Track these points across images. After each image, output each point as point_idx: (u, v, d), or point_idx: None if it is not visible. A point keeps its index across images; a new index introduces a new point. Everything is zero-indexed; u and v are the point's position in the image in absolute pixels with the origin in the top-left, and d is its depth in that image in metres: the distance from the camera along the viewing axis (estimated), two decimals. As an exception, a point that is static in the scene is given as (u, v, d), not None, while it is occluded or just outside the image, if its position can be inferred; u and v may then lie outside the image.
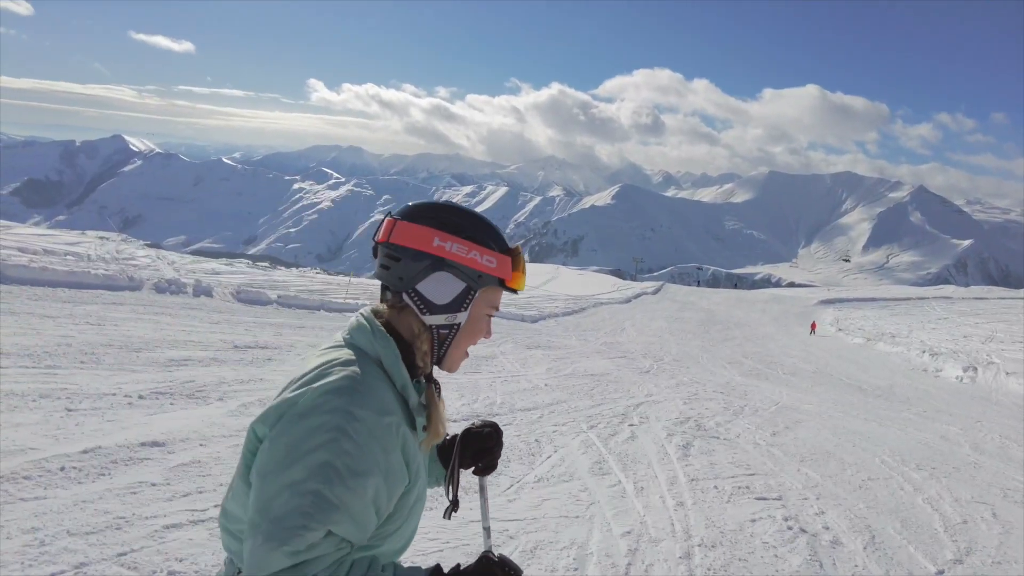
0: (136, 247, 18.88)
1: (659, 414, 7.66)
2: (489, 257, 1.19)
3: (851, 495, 5.25)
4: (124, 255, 15.45)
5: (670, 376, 11.56)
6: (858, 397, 12.56)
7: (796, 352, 22.37)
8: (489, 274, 1.19)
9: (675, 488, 4.87)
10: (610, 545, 3.72)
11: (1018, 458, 7.61)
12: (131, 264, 13.71)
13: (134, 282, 10.96)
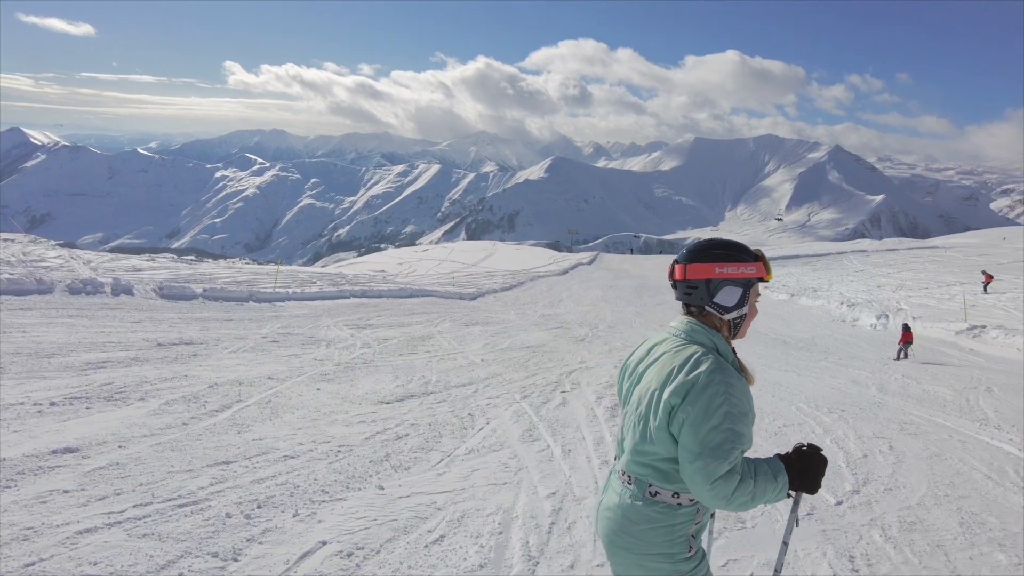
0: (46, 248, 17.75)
1: (591, 380, 7.88)
2: (749, 267, 1.79)
3: (767, 442, 5.59)
4: (32, 257, 14.54)
5: (604, 343, 11.85)
6: (781, 350, 13.22)
7: (725, 311, 23.28)
8: (753, 277, 1.80)
9: (601, 448, 5.07)
10: (535, 507, 3.86)
11: (916, 395, 8.24)
12: (41, 266, 12.93)
13: (44, 285, 10.35)
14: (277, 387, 6.15)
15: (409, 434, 5.10)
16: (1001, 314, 19.47)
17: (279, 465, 4.19)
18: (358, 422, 5.30)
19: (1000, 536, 3.85)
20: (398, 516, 3.59)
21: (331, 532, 3.33)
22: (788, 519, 1.92)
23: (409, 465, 4.43)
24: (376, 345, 9.08)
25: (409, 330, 10.93)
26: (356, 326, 10.72)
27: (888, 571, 3.32)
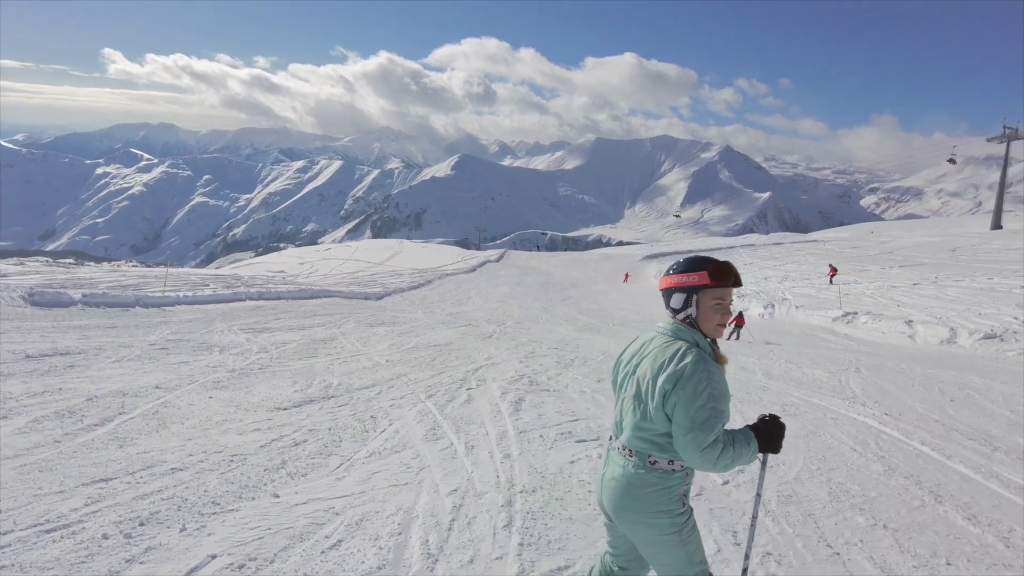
0: None
1: (496, 375, 7.95)
2: (692, 276, 2.14)
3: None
4: None
5: (511, 338, 11.99)
6: (676, 340, 13.89)
7: (626, 305, 24.14)
8: (695, 285, 2.14)
9: (504, 442, 5.14)
10: (436, 505, 3.86)
11: (796, 378, 8.89)
12: None
13: None
14: (165, 397, 5.80)
15: (307, 440, 4.95)
16: (870, 301, 21.32)
17: (166, 479, 3.96)
18: (253, 430, 5.10)
19: (860, 501, 4.23)
20: (294, 524, 3.49)
21: (222, 544, 3.19)
22: (760, 475, 2.46)
23: (307, 471, 4.31)
24: (274, 349, 8.74)
25: (310, 332, 10.60)
26: (252, 330, 10.28)
27: (766, 541, 3.57)
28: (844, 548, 3.55)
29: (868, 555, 3.49)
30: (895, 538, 3.71)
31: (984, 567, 3.42)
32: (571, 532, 3.62)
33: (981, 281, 23.58)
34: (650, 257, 55.72)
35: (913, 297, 21.63)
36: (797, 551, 3.49)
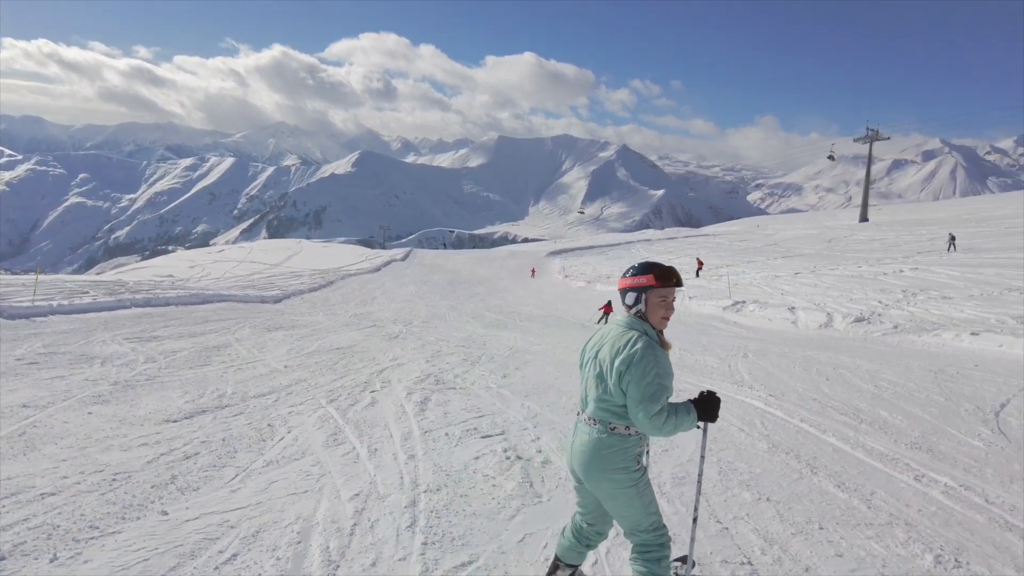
0: None
1: (402, 376, 7.86)
2: (641, 279, 2.58)
3: (563, 419, 6.02)
4: None
5: (417, 338, 11.88)
6: (580, 333, 14.23)
7: (532, 301, 24.50)
8: (644, 285, 2.57)
9: (408, 443, 5.10)
10: (337, 511, 3.78)
11: (690, 364, 9.37)
12: None
13: None
14: (35, 416, 5.31)
15: (199, 452, 4.70)
16: (757, 290, 22.79)
17: (34, 506, 3.64)
18: (139, 445, 4.78)
19: (747, 478, 4.53)
20: (184, 541, 3.31)
21: (100, 571, 2.98)
22: (702, 440, 2.96)
23: (199, 485, 4.10)
24: (162, 359, 8.22)
25: (202, 340, 10.05)
26: (138, 339, 9.61)
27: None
28: (732, 523, 3.80)
29: (753, 527, 3.75)
30: (776, 509, 4.00)
31: (850, 528, 3.76)
32: (475, 527, 3.66)
33: (852, 269, 25.77)
34: (554, 253, 56.83)
35: (795, 285, 23.32)
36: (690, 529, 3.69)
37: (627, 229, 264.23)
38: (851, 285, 21.69)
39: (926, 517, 3.91)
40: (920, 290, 19.09)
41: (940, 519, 3.89)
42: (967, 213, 51.30)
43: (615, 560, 3.36)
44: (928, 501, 4.16)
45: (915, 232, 39.58)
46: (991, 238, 31.23)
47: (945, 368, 9.18)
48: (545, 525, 3.71)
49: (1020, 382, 8.19)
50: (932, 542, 3.57)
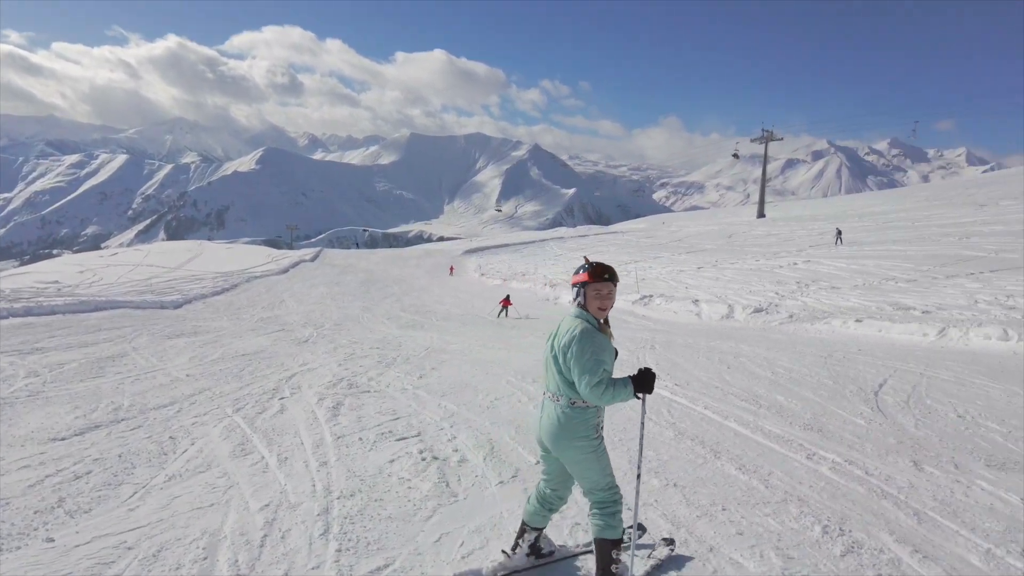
0: None
1: (313, 382, 7.65)
2: (582, 275, 2.95)
3: (480, 416, 6.05)
4: None
5: (329, 341, 11.58)
6: (497, 331, 14.32)
7: (448, 299, 24.42)
8: (581, 282, 2.95)
9: (320, 450, 4.97)
10: (246, 523, 3.65)
11: (602, 358, 9.66)
12: None
13: None
14: None
15: (92, 471, 4.39)
16: (663, 285, 23.73)
17: None
18: (19, 468, 4.41)
19: (655, 465, 4.73)
20: (74, 568, 3.08)
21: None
22: (642, 409, 3.18)
23: (91, 506, 3.83)
24: (47, 372, 7.60)
25: (94, 350, 9.37)
26: (18, 352, 8.83)
27: (575, 513, 3.85)
28: (642, 509, 3.95)
29: (662, 512, 3.92)
30: (683, 494, 4.20)
31: (749, 507, 4.00)
32: (390, 531, 3.62)
33: (750, 263, 27.31)
34: (470, 251, 56.86)
35: (698, 279, 24.46)
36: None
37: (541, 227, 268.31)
38: (750, 278, 22.99)
39: (816, 492, 4.22)
40: (812, 281, 20.50)
41: (828, 493, 4.21)
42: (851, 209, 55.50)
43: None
44: (818, 477, 4.49)
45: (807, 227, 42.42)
46: (871, 232, 33.95)
47: (833, 353, 9.92)
48: (461, 524, 3.73)
49: (896, 364, 8.97)
50: (821, 515, 3.86)
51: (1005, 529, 3.70)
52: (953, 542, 3.53)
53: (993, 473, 4.62)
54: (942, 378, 7.95)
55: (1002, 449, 5.21)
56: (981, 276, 18.05)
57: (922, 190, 78.15)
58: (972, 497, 4.16)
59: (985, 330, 11.12)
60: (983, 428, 5.82)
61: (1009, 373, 8.37)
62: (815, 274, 22.06)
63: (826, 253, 27.51)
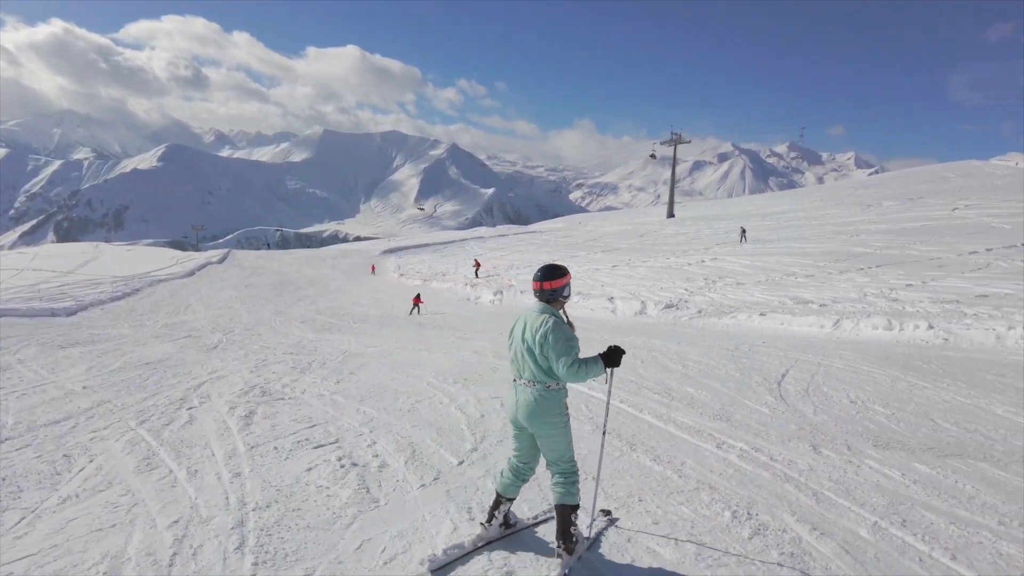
0: None
1: (223, 390, 7.32)
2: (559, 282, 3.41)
3: (400, 420, 5.98)
4: None
5: (240, 347, 11.12)
6: (416, 332, 14.18)
7: (366, 301, 23.95)
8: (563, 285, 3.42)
9: (233, 460, 4.77)
10: (153, 542, 3.45)
11: (523, 357, 9.76)
12: None
13: None
14: None
15: (-30, 497, 4.03)
16: (580, 283, 24.23)
17: None
18: None
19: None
20: None
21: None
22: (608, 384, 3.74)
23: (-30, 536, 3.51)
24: (-86, 390, 6.89)
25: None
26: None
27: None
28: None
29: (582, 506, 4.00)
30: (602, 487, 4.32)
31: (664, 496, 4.17)
32: (310, 540, 3.53)
33: (662, 261, 28.33)
34: (389, 251, 55.97)
35: (613, 277, 25.14)
36: (524, 515, 3.87)
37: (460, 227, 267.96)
38: (661, 275, 23.86)
39: (725, 479, 4.45)
40: (718, 278, 21.50)
41: (736, 480, 4.44)
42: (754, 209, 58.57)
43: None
44: (727, 465, 4.73)
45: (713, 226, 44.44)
46: (772, 231, 35.99)
47: (740, 346, 10.46)
48: (383, 529, 3.68)
49: (796, 354, 9.56)
50: (730, 500, 4.07)
51: (889, 503, 4.03)
52: (846, 518, 3.82)
53: (879, 452, 5.02)
54: (837, 367, 8.55)
55: (887, 430, 5.67)
56: (869, 271, 19.53)
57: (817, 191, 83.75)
58: (862, 476, 4.50)
59: (873, 321, 12.04)
60: (871, 411, 6.31)
61: (893, 359, 9.11)
62: (721, 271, 23.16)
63: (731, 251, 28.94)
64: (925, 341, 10.87)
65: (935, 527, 3.70)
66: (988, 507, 3.98)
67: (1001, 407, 6.43)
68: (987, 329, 10.66)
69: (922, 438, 5.44)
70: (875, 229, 30.00)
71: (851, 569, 3.23)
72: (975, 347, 10.23)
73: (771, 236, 33.20)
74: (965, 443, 5.30)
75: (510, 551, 3.50)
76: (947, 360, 9.08)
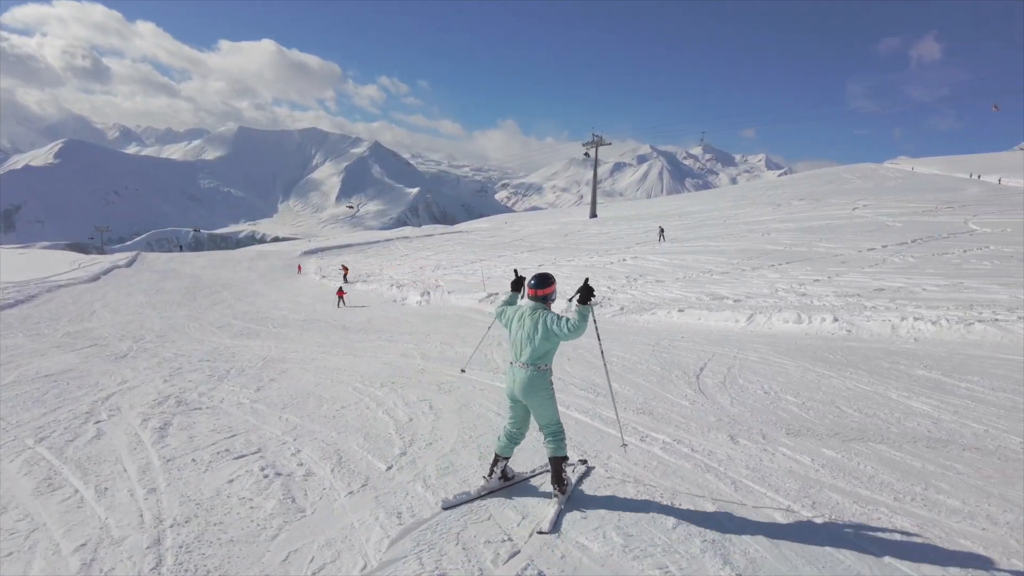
0: None
1: (135, 401, 6.93)
2: (548, 289, 4.20)
3: (325, 427, 5.83)
4: None
5: (151, 355, 10.55)
6: (341, 335, 13.86)
7: (286, 304, 23.19)
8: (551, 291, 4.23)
9: (148, 475, 4.52)
10: (57, 568, 3.22)
11: (451, 357, 9.73)
12: None
13: None
14: None
15: None
16: (507, 283, 24.38)
17: None
18: None
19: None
20: None
21: None
22: (595, 330, 4.73)
23: None
24: None
25: None
26: None
27: (429, 515, 3.86)
28: (494, 504, 4.05)
29: (512, 506, 4.04)
30: (533, 485, 4.37)
31: (593, 489, 4.27)
32: (233, 555, 3.39)
33: (586, 260, 28.90)
34: (310, 252, 54.40)
35: (539, 277, 25.43)
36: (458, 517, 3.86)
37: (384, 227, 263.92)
38: (586, 274, 24.33)
39: (650, 471, 4.59)
40: (639, 276, 22.15)
41: (660, 471, 4.59)
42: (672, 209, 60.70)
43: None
44: (651, 458, 4.89)
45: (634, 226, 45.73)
46: (689, 230, 37.39)
47: (660, 341, 10.81)
48: (310, 539, 3.59)
49: (713, 348, 9.98)
50: (655, 492, 4.21)
51: (800, 487, 4.28)
52: (762, 503, 4.03)
53: (791, 440, 5.32)
54: (751, 359, 8.98)
55: (798, 418, 6.02)
56: (779, 267, 20.63)
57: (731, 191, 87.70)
58: (776, 463, 4.76)
59: (783, 315, 12.71)
60: (783, 401, 6.68)
61: (802, 351, 9.66)
62: (642, 269, 23.87)
63: (651, 249, 29.88)
64: (831, 333, 11.57)
65: (840, 507, 3.96)
66: (885, 485, 4.29)
67: (895, 392, 6.94)
68: (884, 320, 11.46)
69: (829, 424, 5.81)
70: (784, 228, 31.71)
71: (768, 552, 3.41)
72: (874, 337, 10.98)
73: (688, 235, 34.49)
74: (866, 427, 5.70)
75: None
76: (850, 350, 9.71)
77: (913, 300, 13.40)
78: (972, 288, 14.33)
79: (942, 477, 4.44)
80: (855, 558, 3.33)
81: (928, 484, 4.30)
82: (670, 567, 3.27)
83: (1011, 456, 4.93)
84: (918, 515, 3.84)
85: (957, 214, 31.30)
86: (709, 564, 3.29)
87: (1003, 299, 12.74)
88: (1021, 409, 6.25)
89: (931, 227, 27.29)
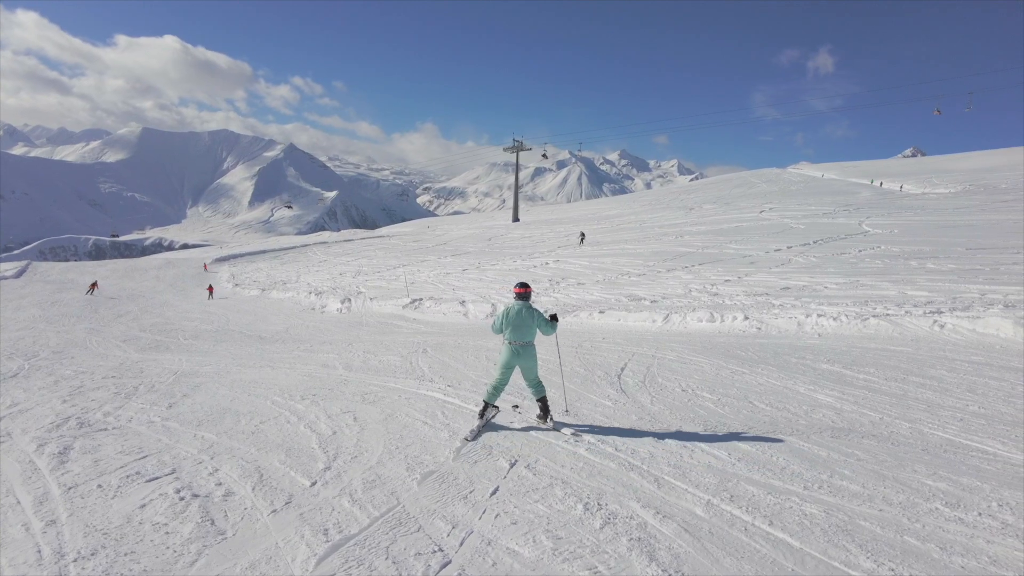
0: None
1: (28, 424, 6.41)
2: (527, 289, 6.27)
3: (244, 444, 5.59)
4: None
5: (47, 374, 9.83)
6: (256, 347, 13.35)
7: (197, 315, 22.12)
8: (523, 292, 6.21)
9: (46, 506, 4.19)
10: (-55, 614, 2.95)
11: (374, 366, 9.55)
12: None
13: None
14: None
15: None
16: (432, 288, 24.20)
17: None
18: None
19: (432, 468, 4.82)
20: None
21: None
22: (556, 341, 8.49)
23: None
24: None
25: None
26: None
27: (357, 530, 3.78)
28: (423, 515, 4.01)
29: (441, 515, 4.01)
30: (460, 492, 4.35)
31: (521, 496, 4.29)
32: (147, 586, 3.20)
33: (509, 263, 29.11)
34: (222, 259, 52.07)
35: (464, 281, 25.40)
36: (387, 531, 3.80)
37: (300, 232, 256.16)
38: (509, 277, 24.50)
39: (576, 473, 4.68)
40: (562, 279, 22.53)
41: (586, 472, 4.69)
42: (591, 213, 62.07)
43: None
44: (577, 459, 4.98)
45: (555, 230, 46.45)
46: (607, 233, 38.37)
47: (583, 343, 11.03)
48: (232, 562, 3.44)
49: (633, 348, 10.29)
50: (581, 493, 4.29)
51: (719, 481, 4.48)
52: (684, 499, 4.18)
53: (709, 436, 5.56)
54: (669, 358, 9.32)
55: (714, 415, 6.30)
56: (692, 269, 21.50)
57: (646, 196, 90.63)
58: (695, 459, 4.95)
59: (697, 314, 13.26)
60: (700, 398, 6.97)
61: (716, 349, 10.11)
62: (564, 272, 24.30)
63: (572, 253, 30.46)
64: (742, 331, 12.17)
65: (756, 498, 4.17)
66: (796, 475, 4.56)
67: (803, 386, 7.39)
68: (790, 318, 12.17)
69: (743, 419, 6.11)
70: (696, 231, 33.08)
71: (691, 546, 3.55)
72: (782, 334, 11.64)
73: (607, 239, 35.39)
74: (777, 420, 6.03)
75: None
76: (760, 347, 10.25)
77: (816, 298, 14.29)
78: (867, 285, 15.46)
79: (844, 464, 4.77)
80: (770, 547, 3.52)
81: (833, 471, 4.60)
82: (599, 567, 3.35)
83: (901, 440, 5.36)
84: (825, 501, 4.10)
85: (852, 216, 33.67)
86: (636, 562, 3.39)
87: (892, 295, 13.81)
88: (910, 397, 6.81)
89: (830, 229, 29.24)
